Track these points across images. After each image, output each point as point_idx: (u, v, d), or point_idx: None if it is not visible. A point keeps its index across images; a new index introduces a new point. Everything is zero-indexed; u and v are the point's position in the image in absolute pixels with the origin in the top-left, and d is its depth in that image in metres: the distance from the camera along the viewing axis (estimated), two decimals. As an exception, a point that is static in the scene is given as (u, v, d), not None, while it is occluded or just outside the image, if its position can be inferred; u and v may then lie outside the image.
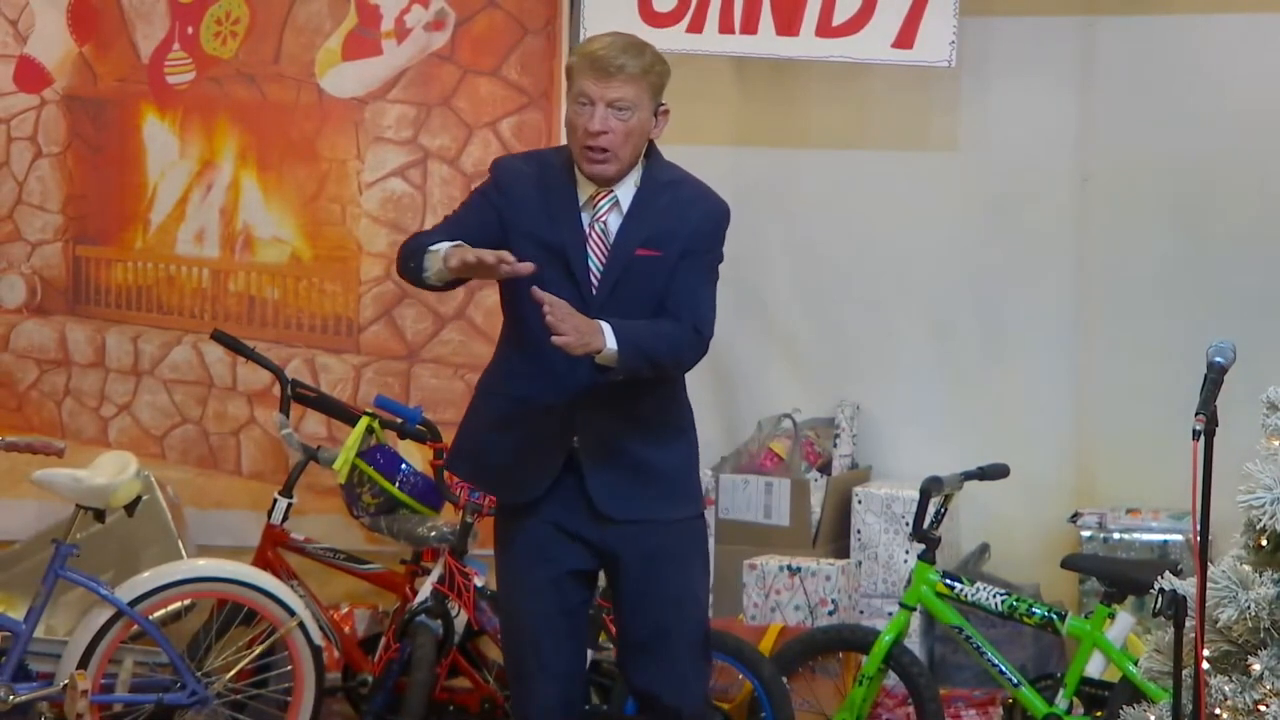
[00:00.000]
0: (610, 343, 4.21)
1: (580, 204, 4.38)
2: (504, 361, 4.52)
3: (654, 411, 4.45)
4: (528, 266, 4.20)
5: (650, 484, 4.44)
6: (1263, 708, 3.85)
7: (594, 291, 4.35)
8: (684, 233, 4.40)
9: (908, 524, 6.26)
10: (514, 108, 6.73)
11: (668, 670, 4.46)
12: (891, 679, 5.84)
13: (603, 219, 4.38)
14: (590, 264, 4.36)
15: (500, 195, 4.42)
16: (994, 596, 5.54)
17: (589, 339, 4.19)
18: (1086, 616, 5.49)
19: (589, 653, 5.53)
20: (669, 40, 6.37)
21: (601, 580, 4.60)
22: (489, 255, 4.18)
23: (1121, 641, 5.38)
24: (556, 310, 4.15)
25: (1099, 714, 5.42)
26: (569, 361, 4.29)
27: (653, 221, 4.38)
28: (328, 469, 5.96)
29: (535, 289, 4.19)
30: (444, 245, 4.29)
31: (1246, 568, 3.93)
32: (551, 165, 4.44)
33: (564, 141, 4.51)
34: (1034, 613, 5.50)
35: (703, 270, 4.44)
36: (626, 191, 4.39)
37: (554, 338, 4.15)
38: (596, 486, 4.39)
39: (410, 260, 4.36)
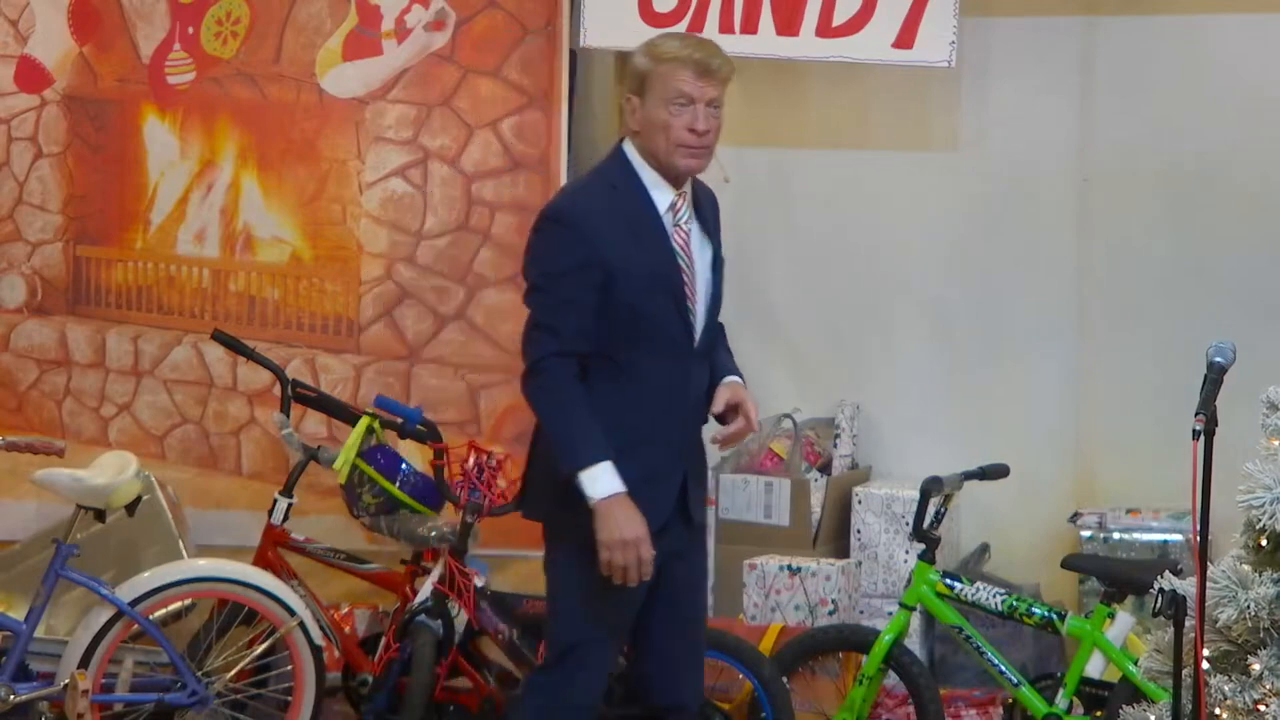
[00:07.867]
0: None
1: (663, 215, 4.40)
2: (611, 394, 4.39)
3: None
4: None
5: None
6: (1262, 707, 3.86)
7: (691, 304, 4.42)
8: (718, 226, 4.54)
9: (908, 524, 6.26)
10: (514, 108, 6.73)
11: (695, 676, 4.63)
12: (891, 679, 5.84)
13: (686, 223, 4.43)
14: (685, 275, 4.40)
15: (592, 247, 4.31)
16: (994, 596, 5.54)
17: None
18: (1086, 616, 5.49)
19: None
20: (669, 40, 6.38)
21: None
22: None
23: (1121, 641, 5.38)
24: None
25: (1099, 714, 5.42)
26: (681, 391, 4.44)
27: (708, 219, 4.50)
28: (328, 469, 5.96)
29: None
30: (607, 472, 4.29)
31: (1246, 568, 3.94)
32: (617, 189, 4.39)
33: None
34: (1034, 613, 5.50)
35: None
36: (689, 191, 4.46)
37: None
38: (693, 495, 4.53)
39: (572, 428, 4.33)
